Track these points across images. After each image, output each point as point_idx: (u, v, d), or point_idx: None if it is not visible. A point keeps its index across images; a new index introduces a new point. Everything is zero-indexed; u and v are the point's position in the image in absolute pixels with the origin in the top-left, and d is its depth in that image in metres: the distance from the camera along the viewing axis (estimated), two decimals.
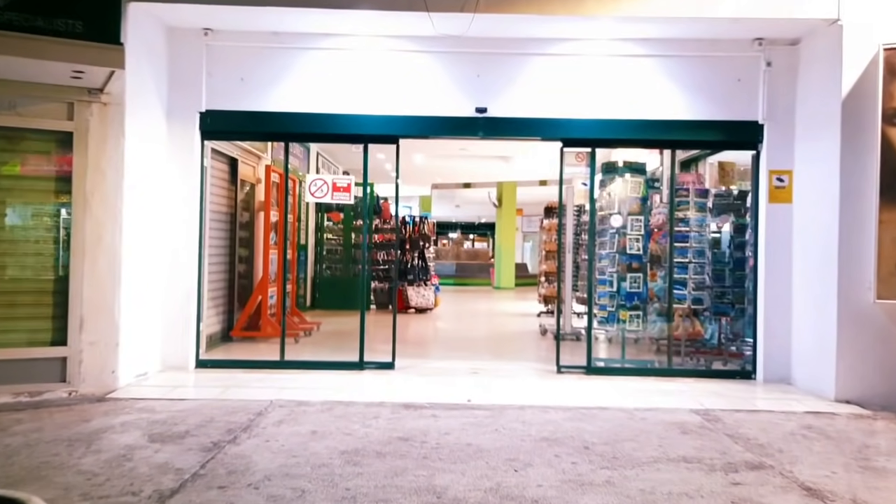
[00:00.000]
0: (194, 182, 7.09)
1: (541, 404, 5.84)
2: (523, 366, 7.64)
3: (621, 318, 7.29)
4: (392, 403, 5.76)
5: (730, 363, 7.59)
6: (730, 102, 7.08)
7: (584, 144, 7.23)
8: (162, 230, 6.91)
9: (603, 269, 7.46)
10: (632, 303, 7.32)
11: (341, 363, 7.28)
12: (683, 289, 7.41)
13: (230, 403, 5.67)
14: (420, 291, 13.78)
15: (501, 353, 8.80)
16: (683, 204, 7.43)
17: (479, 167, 17.97)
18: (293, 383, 6.48)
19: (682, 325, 8.30)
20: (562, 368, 7.20)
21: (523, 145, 13.51)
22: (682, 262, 7.40)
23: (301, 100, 7.09)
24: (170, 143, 7.01)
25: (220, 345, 8.78)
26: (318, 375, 6.86)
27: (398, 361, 7.31)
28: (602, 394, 6.29)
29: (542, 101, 7.10)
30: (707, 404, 5.98)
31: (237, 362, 7.30)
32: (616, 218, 7.21)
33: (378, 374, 7.02)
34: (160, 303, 6.92)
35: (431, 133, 7.19)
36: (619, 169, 7.46)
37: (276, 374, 6.86)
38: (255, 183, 10.10)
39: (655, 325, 7.72)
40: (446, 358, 8.14)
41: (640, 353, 8.15)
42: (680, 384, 6.81)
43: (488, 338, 10.44)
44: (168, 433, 4.81)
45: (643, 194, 7.36)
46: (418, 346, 9.45)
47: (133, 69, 6.23)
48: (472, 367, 7.43)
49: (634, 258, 7.33)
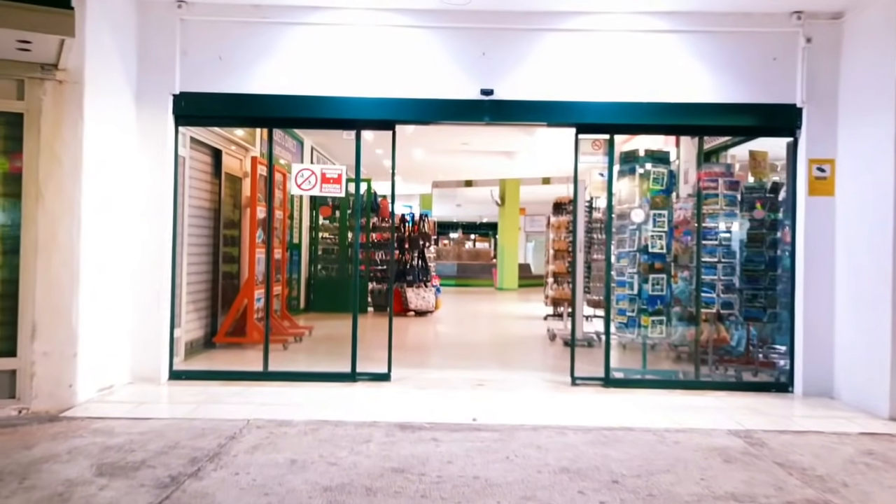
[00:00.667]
0: (167, 172, 6.35)
1: (556, 424, 5.10)
2: (533, 377, 6.90)
3: (643, 324, 6.54)
4: (386, 423, 5.03)
5: (760, 373, 6.86)
6: (764, 83, 6.34)
7: (600, 130, 6.49)
8: (129, 226, 6.18)
9: (622, 269, 6.72)
10: (654, 307, 6.58)
11: (331, 374, 6.54)
12: (712, 291, 6.67)
13: (200, 424, 4.93)
14: (420, 293, 13.05)
15: (508, 362, 8.07)
16: (711, 198, 6.70)
17: (482, 164, 17.24)
18: (275, 398, 5.75)
19: (707, 331, 7.59)
20: (577, 380, 6.46)
21: (528, 139, 12.80)
22: (710, 262, 6.66)
23: (286, 81, 6.35)
24: (139, 129, 6.28)
25: (203, 352, 8.06)
26: (304, 389, 6.12)
27: (395, 371, 6.58)
28: (624, 411, 5.56)
29: (554, 82, 6.37)
30: (746, 423, 5.24)
31: (215, 373, 6.56)
32: (637, 212, 6.47)
33: (372, 386, 6.28)
34: (128, 307, 6.19)
35: (431, 118, 6.46)
36: (640, 158, 6.71)
37: (257, 388, 6.12)
38: (242, 177, 9.38)
39: (677, 330, 6.99)
40: (448, 367, 7.40)
41: (658, 362, 7.41)
42: (710, 398, 6.08)
43: (493, 343, 9.71)
44: (121, 463, 4.08)
45: (667, 186, 6.62)
46: (417, 353, 8.72)
47: (94, 44, 5.51)
48: (476, 378, 6.70)
49: (657, 257, 6.59)
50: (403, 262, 13.53)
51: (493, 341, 9.94)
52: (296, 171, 6.42)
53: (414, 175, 19.98)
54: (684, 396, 6.11)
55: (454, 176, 21.14)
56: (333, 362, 6.87)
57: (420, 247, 13.69)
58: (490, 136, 13.11)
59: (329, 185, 6.43)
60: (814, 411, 5.76)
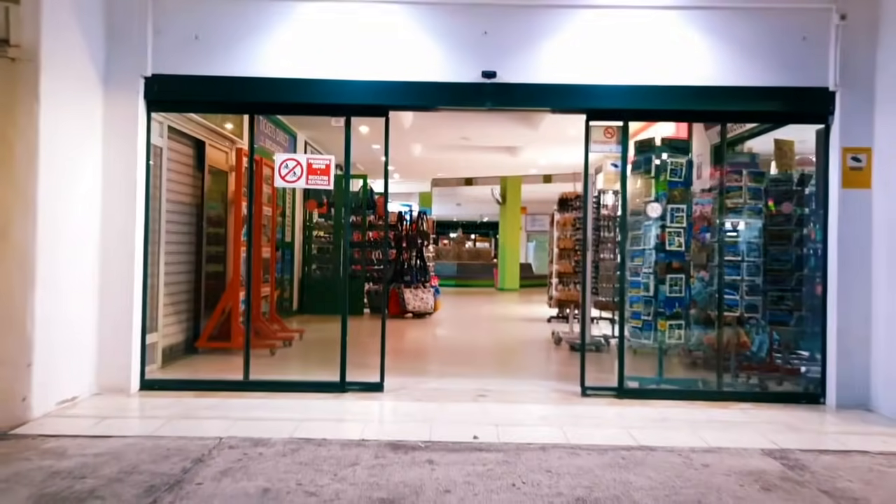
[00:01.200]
0: (138, 163, 5.78)
1: (568, 442, 4.53)
2: (539, 386, 6.33)
3: (660, 329, 5.98)
4: (377, 442, 4.46)
5: (785, 382, 6.30)
6: (793, 65, 5.77)
7: (613, 117, 5.93)
8: (94, 221, 5.62)
9: (636, 268, 6.16)
10: (672, 310, 6.01)
11: (318, 384, 5.97)
12: (734, 293, 6.11)
13: (166, 443, 4.36)
14: (418, 294, 12.49)
15: (511, 369, 7.50)
16: (733, 191, 6.14)
17: (483, 160, 16.68)
18: (254, 412, 5.18)
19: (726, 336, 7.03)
20: (588, 390, 5.89)
21: (531, 133, 12.23)
22: (733, 261, 6.10)
23: (269, 63, 5.79)
24: (107, 115, 5.71)
25: (183, 358, 7.49)
26: (287, 400, 5.55)
27: (388, 381, 6.01)
28: (643, 426, 4.98)
29: (563, 64, 5.80)
30: (780, 441, 4.67)
31: (191, 383, 5.99)
32: (654, 207, 5.89)
33: (362, 398, 5.71)
34: (94, 311, 5.63)
35: (428, 103, 5.89)
36: (657, 148, 6.15)
37: (236, 399, 5.55)
38: (228, 171, 8.81)
39: (693, 335, 6.43)
40: (447, 375, 6.84)
41: (671, 368, 6.81)
42: (735, 411, 5.51)
43: (495, 348, 9.14)
44: (64, 493, 3.51)
45: (686, 178, 6.05)
46: (414, 359, 8.15)
47: (51, 17, 4.95)
48: (477, 389, 6.13)
49: (675, 256, 6.02)
50: (401, 262, 12.97)
51: (494, 346, 9.38)
52: (279, 162, 5.85)
53: (412, 172, 19.43)
54: (707, 409, 5.54)
55: (454, 173, 20.59)
56: (323, 369, 6.30)
57: (418, 246, 13.13)
58: (491, 130, 12.55)
59: (316, 177, 5.86)
60: (853, 426, 5.19)
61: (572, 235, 9.00)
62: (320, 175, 5.87)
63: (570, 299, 9.07)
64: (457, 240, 30.96)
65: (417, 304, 12.38)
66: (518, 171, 19.64)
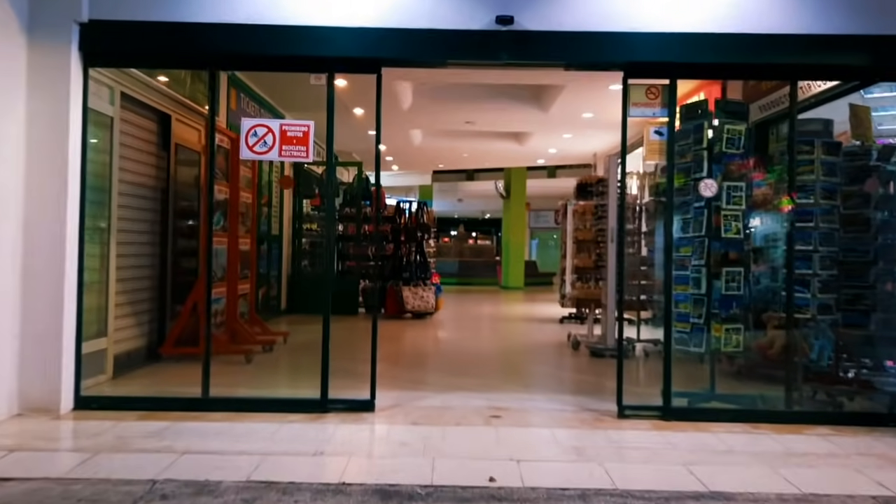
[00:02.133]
0: (72, 133, 4.67)
1: (614, 487, 3.43)
2: (563, 403, 5.23)
3: (714, 334, 4.87)
4: (361, 488, 3.35)
5: (858, 398, 5.19)
6: (884, 9, 4.67)
7: (658, 73, 4.80)
8: (10, 205, 4.52)
9: (682, 261, 5.05)
10: (729, 311, 4.90)
11: (294, 402, 4.86)
12: (805, 290, 5.00)
13: (79, 490, 3.26)
14: (418, 293, 11.39)
15: (527, 380, 6.39)
16: (803, 164, 5.03)
17: (487, 149, 15.57)
18: (209, 441, 4.08)
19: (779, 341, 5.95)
20: (626, 410, 4.78)
21: (542, 115, 11.13)
22: (804, 252, 5.00)
23: (234, 5, 4.68)
24: (30, 71, 4.61)
25: (144, 366, 6.40)
26: (254, 423, 4.45)
27: (381, 396, 4.91)
28: (705, 461, 3.88)
29: (596, 7, 4.70)
30: (891, 484, 3.57)
31: (138, 400, 4.87)
32: (707, 184, 4.77)
33: (348, 421, 4.60)
34: (11, 311, 4.53)
35: (430, 57, 4.79)
36: (709, 113, 5.02)
37: (190, 423, 4.44)
38: (201, 151, 7.70)
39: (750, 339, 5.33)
40: (451, 388, 5.73)
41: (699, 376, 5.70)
42: (814, 438, 4.40)
43: (505, 354, 8.03)
44: None
45: (745, 149, 4.94)
46: (412, 367, 7.05)
47: None
48: (488, 406, 5.03)
49: (732, 245, 4.92)
50: (399, 258, 11.87)
51: (505, 350, 8.27)
52: (246, 128, 4.74)
53: (412, 163, 18.33)
54: (777, 434, 4.44)
55: (456, 164, 19.48)
56: (305, 381, 5.15)
57: (418, 240, 12.03)
58: (498, 113, 11.45)
59: (292, 147, 4.75)
60: None
61: (594, 225, 7.90)
62: (297, 145, 4.75)
63: (591, 297, 7.97)
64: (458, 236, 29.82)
65: (417, 303, 11.28)
66: (524, 162, 18.53)
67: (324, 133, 4.75)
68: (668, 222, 4.81)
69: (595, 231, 7.86)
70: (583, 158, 16.64)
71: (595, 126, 11.92)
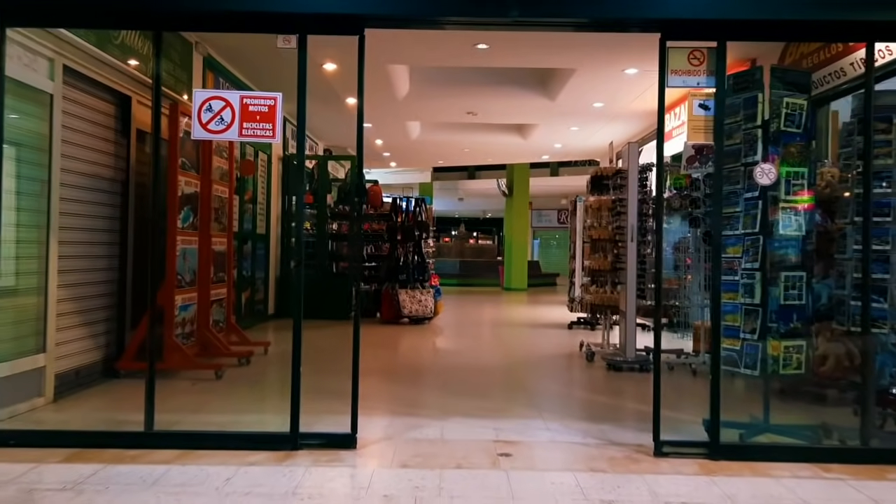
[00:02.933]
0: None
1: None
2: (584, 433, 4.35)
3: (771, 353, 3.99)
4: None
5: None
6: None
7: (703, 33, 3.92)
8: None
9: (730, 264, 4.16)
10: (789, 324, 4.02)
11: (258, 437, 3.99)
12: (882, 300, 4.12)
13: None
14: (416, 296, 10.51)
15: (538, 400, 5.50)
16: (879, 146, 4.15)
17: (489, 144, 14.70)
18: (139, 494, 3.19)
19: (834, 356, 5.11)
20: (664, 447, 3.90)
21: (549, 103, 10.26)
22: (881, 252, 4.12)
23: None
24: None
25: (97, 384, 5.58)
26: (206, 466, 3.57)
27: (367, 424, 4.07)
28: None
29: None
30: None
31: (68, 435, 3.98)
32: (765, 170, 3.89)
33: (322, 460, 3.72)
34: None
35: (424, 12, 3.90)
36: (762, 83, 4.15)
37: (124, 466, 3.56)
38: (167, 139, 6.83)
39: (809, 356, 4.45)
40: (450, 412, 4.86)
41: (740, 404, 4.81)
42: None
43: (512, 367, 7.15)
44: None
45: (807, 128, 4.06)
46: (407, 384, 6.18)
47: None
48: (496, 439, 4.16)
49: (791, 245, 4.04)
50: (395, 258, 10.99)
51: (511, 363, 7.39)
52: (199, 102, 3.87)
53: (411, 159, 17.46)
54: (856, 481, 3.55)
55: (457, 160, 18.62)
56: (282, 402, 4.30)
57: (416, 239, 11.15)
58: (501, 101, 10.59)
59: (255, 125, 3.87)
60: None
61: (611, 222, 7.02)
62: (261, 122, 3.88)
63: (608, 303, 7.09)
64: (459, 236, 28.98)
65: (415, 307, 10.41)
66: (528, 158, 17.66)
67: (316, 123, 3.87)
68: (717, 213, 3.92)
69: (613, 229, 6.98)
70: (589, 154, 15.79)
71: (606, 117, 11.06)
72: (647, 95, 9.34)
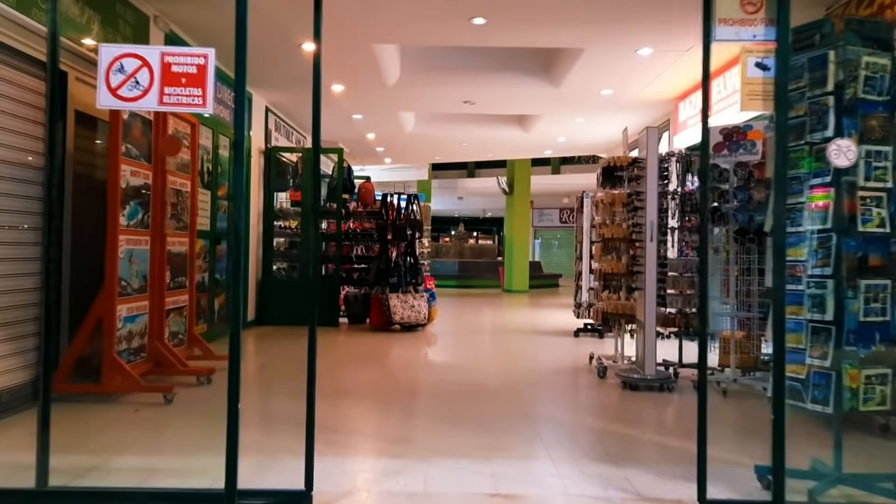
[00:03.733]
0: None
1: None
2: (605, 481, 3.45)
3: (849, 384, 3.09)
4: None
5: None
6: None
7: None
8: None
9: (792, 269, 3.27)
10: (870, 346, 3.13)
11: (184, 496, 3.10)
12: None
13: None
14: (408, 301, 9.62)
15: (546, 432, 4.59)
16: None
17: (489, 138, 13.84)
18: None
19: None
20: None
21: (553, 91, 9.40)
22: None
23: None
24: None
25: (24, 409, 4.70)
26: None
27: (332, 469, 3.20)
28: None
29: None
30: None
31: None
32: (843, 147, 3.00)
33: None
34: None
35: None
36: (836, 37, 3.25)
37: None
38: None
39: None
40: (439, 451, 3.96)
41: (802, 443, 3.93)
42: None
43: (514, 386, 6.23)
44: None
45: (894, 95, 3.17)
46: (389, 409, 5.27)
47: None
48: (493, 495, 3.26)
49: (874, 244, 3.15)
50: (386, 259, 10.11)
51: (511, 381, 6.47)
52: (106, 62, 2.97)
53: (406, 154, 16.58)
54: None
55: (455, 155, 17.76)
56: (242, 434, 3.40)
57: (409, 239, 10.26)
58: (501, 89, 9.71)
59: (178, 90, 2.97)
60: None
61: (627, 219, 6.12)
62: (186, 87, 2.98)
63: (624, 312, 6.19)
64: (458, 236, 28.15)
65: (406, 313, 9.51)
66: (530, 153, 16.80)
67: (307, 119, 2.98)
68: (780, 203, 3.02)
69: (628, 227, 6.09)
70: (594, 149, 14.95)
71: (614, 106, 10.19)
72: (661, 81, 8.47)
